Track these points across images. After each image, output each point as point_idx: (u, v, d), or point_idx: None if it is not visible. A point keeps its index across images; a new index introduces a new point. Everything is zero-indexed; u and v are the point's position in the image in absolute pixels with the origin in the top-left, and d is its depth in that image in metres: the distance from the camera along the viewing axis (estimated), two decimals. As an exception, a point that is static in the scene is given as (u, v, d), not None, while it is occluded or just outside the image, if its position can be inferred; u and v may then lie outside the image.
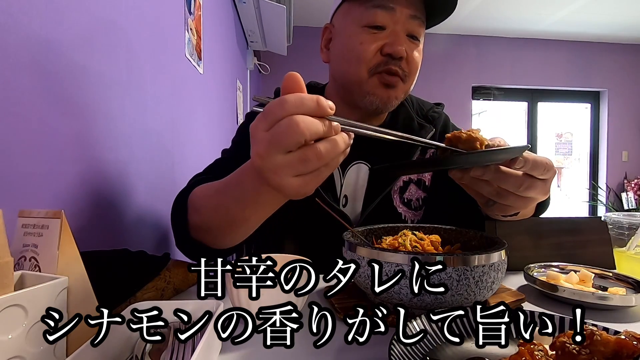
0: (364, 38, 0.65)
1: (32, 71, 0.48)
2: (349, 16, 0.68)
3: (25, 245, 0.36)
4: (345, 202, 0.75)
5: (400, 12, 0.65)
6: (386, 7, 0.65)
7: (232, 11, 2.25)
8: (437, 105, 0.87)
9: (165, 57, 1.00)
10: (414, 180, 0.78)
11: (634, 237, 0.65)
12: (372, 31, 0.65)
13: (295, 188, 0.37)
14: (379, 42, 0.65)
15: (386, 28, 0.65)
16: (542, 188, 0.49)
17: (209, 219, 0.55)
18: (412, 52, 0.67)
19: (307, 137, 0.35)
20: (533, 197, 0.50)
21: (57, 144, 0.53)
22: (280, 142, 0.35)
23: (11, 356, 0.27)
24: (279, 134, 0.35)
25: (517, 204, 0.50)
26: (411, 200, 0.78)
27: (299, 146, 0.35)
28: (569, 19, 3.76)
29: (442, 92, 4.02)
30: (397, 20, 0.65)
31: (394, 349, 0.32)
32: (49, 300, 0.30)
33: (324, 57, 0.76)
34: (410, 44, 0.67)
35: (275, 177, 0.37)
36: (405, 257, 0.43)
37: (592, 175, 4.53)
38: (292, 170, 0.36)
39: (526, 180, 0.47)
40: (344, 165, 0.76)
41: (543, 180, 0.48)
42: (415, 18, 0.66)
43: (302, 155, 0.36)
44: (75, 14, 0.57)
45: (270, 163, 0.36)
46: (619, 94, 4.39)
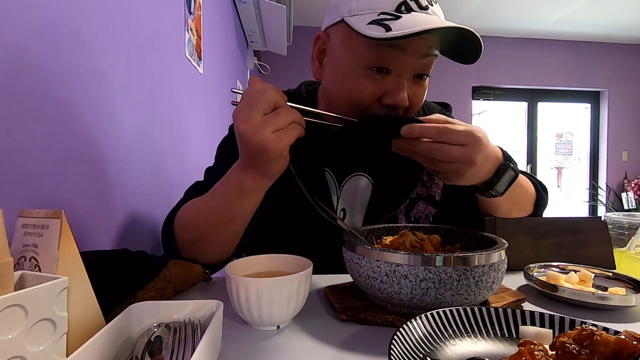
0: (364, 85, 0.57)
1: (32, 71, 0.48)
2: (349, 47, 0.58)
3: (25, 245, 0.36)
4: (344, 216, 0.71)
5: (413, 53, 0.55)
6: (398, 46, 0.54)
7: (232, 11, 2.26)
8: (445, 108, 0.81)
9: (165, 57, 1.00)
10: (422, 196, 0.73)
11: (634, 237, 0.65)
12: (375, 76, 0.57)
13: (273, 141, 0.46)
14: (380, 90, 0.57)
15: (391, 71, 0.57)
16: (460, 152, 0.51)
17: (197, 228, 0.59)
18: (416, 92, 0.59)
19: (276, 98, 0.47)
20: (454, 161, 0.52)
21: (57, 144, 0.53)
22: (257, 104, 0.46)
23: (11, 356, 0.27)
24: (256, 98, 0.47)
25: (447, 169, 0.53)
26: (420, 218, 0.72)
27: (272, 109, 0.47)
28: (569, 19, 3.76)
29: (442, 92, 4.03)
30: (407, 63, 0.56)
31: (394, 349, 0.32)
32: (49, 300, 0.30)
33: (315, 71, 0.67)
34: (415, 87, 0.59)
35: (257, 135, 0.46)
36: (405, 257, 0.43)
37: (592, 175, 4.53)
38: (270, 126, 0.46)
39: (432, 145, 0.52)
40: (340, 176, 0.72)
41: (459, 146, 0.51)
42: (427, 56, 0.57)
43: (275, 113, 0.47)
44: (75, 14, 0.57)
45: (252, 123, 0.46)
46: (619, 94, 4.39)
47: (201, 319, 0.39)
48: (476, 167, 0.53)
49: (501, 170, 0.57)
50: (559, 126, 4.91)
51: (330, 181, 0.71)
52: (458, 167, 0.53)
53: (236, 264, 0.49)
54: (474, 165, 0.52)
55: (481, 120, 4.61)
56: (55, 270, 0.33)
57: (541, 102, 4.49)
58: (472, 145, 0.51)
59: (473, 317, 0.39)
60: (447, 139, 0.51)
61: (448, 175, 0.55)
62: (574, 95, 4.49)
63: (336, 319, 0.48)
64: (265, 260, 0.51)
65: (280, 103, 0.48)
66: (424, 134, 0.51)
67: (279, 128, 0.47)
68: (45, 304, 0.30)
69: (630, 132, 4.39)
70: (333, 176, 0.72)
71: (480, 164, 0.53)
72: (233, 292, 0.43)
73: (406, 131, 0.52)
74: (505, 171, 0.57)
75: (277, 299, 0.42)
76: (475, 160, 0.52)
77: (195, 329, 0.37)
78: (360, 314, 0.46)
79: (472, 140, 0.51)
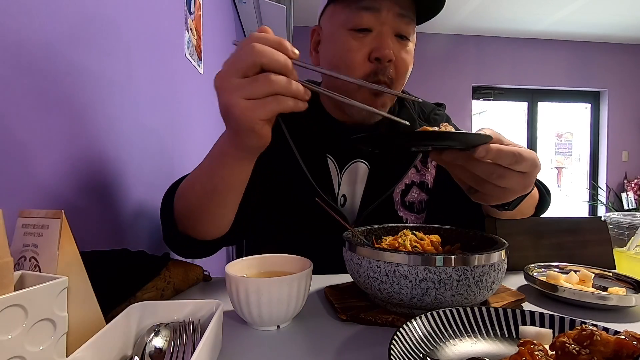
0: (351, 44, 0.64)
1: (32, 71, 0.48)
2: (335, 19, 0.67)
3: (25, 245, 0.36)
4: (344, 202, 0.74)
5: (387, 12, 0.63)
6: (371, 7, 0.63)
7: (232, 11, 2.25)
8: (439, 106, 0.86)
9: (165, 57, 1.00)
10: (416, 183, 0.77)
11: (634, 237, 0.65)
12: (358, 35, 0.64)
13: (241, 109, 0.40)
14: (366, 48, 0.63)
15: (373, 30, 0.64)
16: (517, 180, 0.48)
17: (186, 200, 0.57)
18: (400, 52, 0.65)
19: (262, 61, 0.40)
20: (509, 188, 0.48)
21: (57, 144, 0.53)
22: (236, 63, 0.41)
23: (11, 356, 0.27)
24: (238, 57, 0.41)
25: (494, 193, 0.49)
26: (413, 203, 0.77)
27: (255, 72, 0.40)
28: (569, 19, 3.76)
29: (442, 92, 4.03)
30: (384, 21, 0.63)
31: (394, 349, 0.32)
32: (49, 300, 0.30)
33: (314, 61, 0.74)
34: (398, 45, 0.65)
35: (227, 96, 0.41)
36: (405, 257, 0.43)
37: (592, 175, 4.53)
38: (242, 92, 0.40)
39: (497, 169, 0.46)
40: (342, 163, 0.75)
41: (520, 173, 0.47)
42: (402, 16, 0.64)
43: (253, 78, 0.40)
44: (75, 14, 0.57)
45: (226, 82, 0.41)
46: (619, 94, 4.39)
47: (201, 319, 0.39)
48: (516, 194, 0.50)
49: (545, 204, 0.57)
50: (559, 126, 4.91)
51: (332, 167, 0.74)
52: (508, 193, 0.49)
53: (236, 264, 0.49)
54: (518, 194, 0.50)
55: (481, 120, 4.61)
56: (55, 270, 0.33)
57: (541, 102, 4.49)
58: (530, 175, 0.48)
59: (473, 317, 0.39)
60: (516, 167, 0.46)
61: (487, 197, 0.51)
62: (573, 95, 4.49)
63: (336, 319, 0.48)
64: (265, 260, 0.51)
65: (270, 67, 0.40)
66: (499, 160, 0.45)
67: (253, 97, 0.40)
68: (45, 304, 0.30)
69: (630, 132, 4.39)
70: (335, 162, 0.75)
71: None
72: (233, 292, 0.43)
73: (482, 154, 0.45)
74: (546, 206, 0.57)
75: (277, 299, 0.42)
76: (526, 190, 0.50)
77: (195, 329, 0.37)
78: (360, 314, 0.46)
79: (533, 169, 0.48)
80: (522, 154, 0.46)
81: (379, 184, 0.74)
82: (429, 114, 0.83)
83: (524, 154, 0.46)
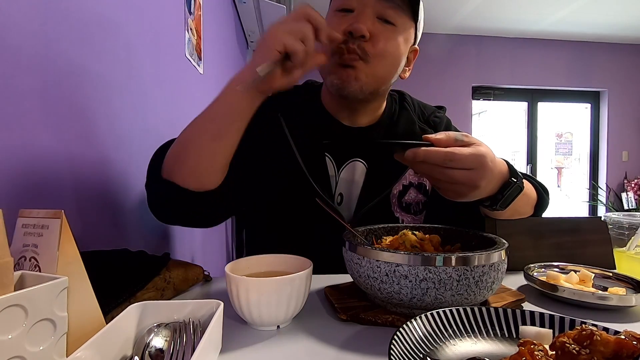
0: (332, 21, 0.68)
1: (32, 71, 0.48)
2: (330, 6, 0.72)
3: (25, 245, 0.36)
4: (341, 201, 0.75)
5: None
6: None
7: (232, 11, 2.25)
8: (439, 109, 0.86)
9: (165, 57, 1.00)
10: (414, 184, 0.77)
11: (634, 237, 0.65)
12: (340, 14, 0.68)
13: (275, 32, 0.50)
14: (345, 25, 0.65)
15: (354, 10, 0.67)
16: (463, 175, 0.50)
17: (179, 142, 0.59)
18: (380, 33, 0.66)
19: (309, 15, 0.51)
20: (458, 183, 0.51)
21: (57, 144, 0.53)
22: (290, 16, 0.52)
23: (11, 356, 0.27)
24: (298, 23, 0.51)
25: (449, 187, 0.53)
26: (411, 205, 0.77)
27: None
28: (569, 19, 3.76)
29: (442, 92, 4.03)
30: (366, 3, 0.66)
31: (394, 349, 0.32)
32: (49, 300, 0.30)
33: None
34: (379, 26, 0.66)
35: (274, 28, 0.51)
36: (405, 257, 0.43)
37: (592, 175, 4.53)
38: (285, 26, 0.50)
39: (435, 168, 0.51)
40: (339, 161, 0.75)
41: (464, 170, 0.50)
42: (386, 0, 0.66)
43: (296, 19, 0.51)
44: (75, 14, 0.57)
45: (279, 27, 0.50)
46: (619, 94, 4.39)
47: (201, 319, 0.39)
48: (479, 190, 0.53)
49: (506, 187, 0.57)
50: (559, 126, 4.91)
51: (330, 166, 0.74)
52: (461, 189, 0.52)
53: (236, 264, 0.49)
54: (477, 189, 0.52)
55: (481, 120, 4.61)
56: (55, 270, 0.33)
57: (541, 102, 4.49)
58: (477, 170, 0.51)
59: (473, 317, 0.39)
60: (452, 164, 0.50)
61: (449, 193, 0.55)
62: (573, 95, 4.49)
63: (336, 319, 0.48)
64: (265, 260, 0.51)
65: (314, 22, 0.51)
66: (428, 159, 0.50)
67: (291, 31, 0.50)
68: (45, 304, 0.30)
69: (630, 132, 4.39)
70: (333, 161, 0.75)
71: (484, 186, 0.53)
72: (233, 292, 0.43)
73: (410, 156, 0.50)
74: (510, 188, 0.57)
75: (277, 299, 0.42)
76: (479, 184, 0.52)
77: (195, 329, 0.37)
78: (360, 314, 0.46)
79: (478, 165, 0.51)
80: (455, 153, 0.49)
81: (376, 184, 0.74)
82: (429, 116, 0.83)
83: (458, 153, 0.49)
